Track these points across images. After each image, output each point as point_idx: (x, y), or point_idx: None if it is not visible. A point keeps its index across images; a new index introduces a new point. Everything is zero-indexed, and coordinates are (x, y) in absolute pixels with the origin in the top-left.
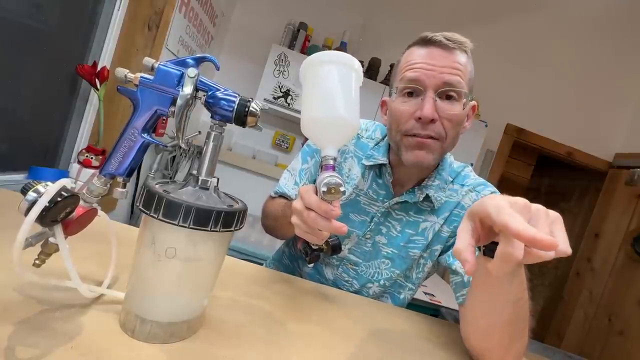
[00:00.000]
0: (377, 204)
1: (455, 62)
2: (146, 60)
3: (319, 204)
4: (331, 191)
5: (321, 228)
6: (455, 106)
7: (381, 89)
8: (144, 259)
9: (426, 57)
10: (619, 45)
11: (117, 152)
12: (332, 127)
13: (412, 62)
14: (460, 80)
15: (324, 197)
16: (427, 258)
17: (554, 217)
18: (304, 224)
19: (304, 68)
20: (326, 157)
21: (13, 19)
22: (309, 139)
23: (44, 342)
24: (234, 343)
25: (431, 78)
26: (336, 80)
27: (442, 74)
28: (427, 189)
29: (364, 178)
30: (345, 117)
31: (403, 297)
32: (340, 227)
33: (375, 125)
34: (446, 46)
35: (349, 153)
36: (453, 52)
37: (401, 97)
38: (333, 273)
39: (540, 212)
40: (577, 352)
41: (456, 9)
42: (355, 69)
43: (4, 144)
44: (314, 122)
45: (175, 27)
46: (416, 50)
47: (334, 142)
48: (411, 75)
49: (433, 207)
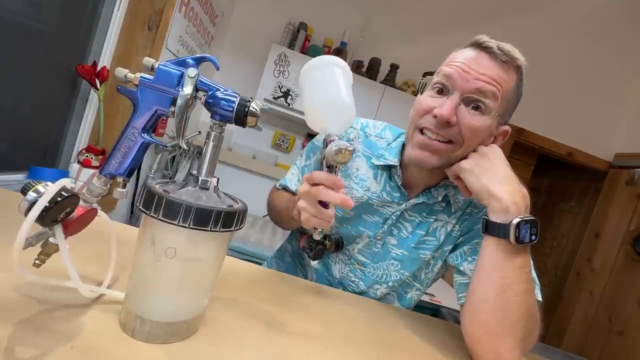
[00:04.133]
0: (392, 205)
1: (497, 75)
2: (146, 60)
3: (326, 175)
4: (342, 151)
5: (328, 199)
6: (477, 118)
7: (381, 88)
8: (143, 259)
9: (471, 59)
10: (619, 45)
11: (117, 152)
12: (327, 107)
13: (454, 60)
14: (495, 94)
15: (335, 158)
16: (438, 258)
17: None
18: (311, 205)
19: (300, 79)
20: (329, 135)
21: (13, 18)
22: (314, 129)
23: (44, 342)
24: (234, 343)
25: (464, 80)
26: (325, 75)
27: (477, 80)
28: (446, 188)
29: (377, 180)
30: (337, 99)
31: (410, 297)
32: (346, 199)
33: (384, 126)
34: (496, 56)
35: (356, 152)
36: (500, 64)
37: (431, 91)
38: (340, 271)
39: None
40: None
41: (456, 9)
42: (339, 65)
43: (4, 144)
44: (313, 110)
45: (175, 27)
46: (466, 50)
47: (334, 123)
48: (447, 71)
49: (445, 206)
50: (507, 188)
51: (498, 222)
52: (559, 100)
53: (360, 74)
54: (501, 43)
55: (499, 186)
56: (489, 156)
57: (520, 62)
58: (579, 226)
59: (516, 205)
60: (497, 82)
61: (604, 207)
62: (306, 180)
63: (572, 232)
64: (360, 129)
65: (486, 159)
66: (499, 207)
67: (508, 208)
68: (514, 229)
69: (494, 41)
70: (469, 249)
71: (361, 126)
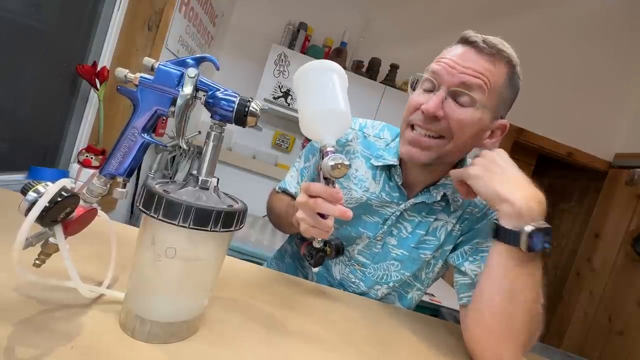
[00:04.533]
0: (391, 206)
1: (483, 67)
2: (146, 60)
3: (324, 188)
4: (338, 167)
5: (327, 212)
6: (464, 111)
7: (381, 88)
8: (144, 259)
9: (457, 55)
10: (619, 45)
11: (117, 152)
12: (324, 116)
13: (442, 56)
14: (482, 86)
15: (332, 173)
16: (438, 258)
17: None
18: (309, 217)
19: (295, 81)
20: (325, 146)
21: (13, 18)
22: (308, 136)
23: (44, 342)
24: (234, 343)
25: (450, 75)
26: (321, 81)
27: (462, 74)
28: (445, 187)
29: (376, 180)
30: (334, 107)
31: (411, 297)
32: (345, 210)
33: (382, 125)
34: (481, 49)
35: (355, 153)
36: (487, 57)
37: (420, 88)
38: (341, 272)
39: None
40: (577, 352)
41: (456, 9)
42: (335, 70)
43: (4, 144)
44: (308, 117)
45: (175, 27)
46: (455, 47)
47: (329, 131)
48: (434, 67)
49: (445, 205)
50: (521, 193)
51: (509, 229)
52: (559, 100)
53: (360, 74)
54: (488, 37)
55: (512, 190)
56: (497, 160)
57: (508, 54)
58: (579, 226)
59: (530, 211)
60: (483, 75)
61: (604, 207)
62: (304, 191)
63: (572, 232)
64: (358, 129)
65: (494, 164)
66: (512, 211)
67: (521, 214)
68: (527, 237)
69: (480, 35)
70: (470, 249)
71: (359, 127)
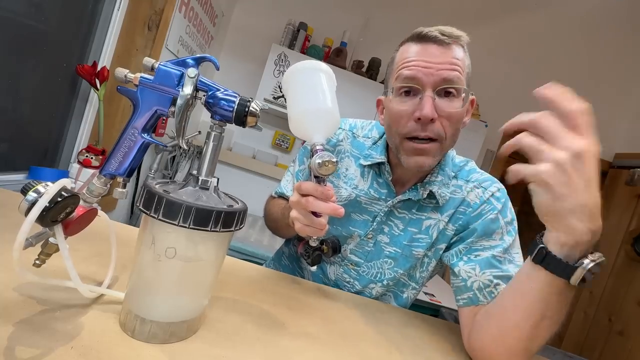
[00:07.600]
0: (379, 203)
1: (452, 58)
2: (146, 60)
3: (314, 186)
4: (325, 164)
5: (319, 210)
6: (454, 103)
7: (381, 88)
8: (144, 259)
9: (422, 53)
10: (619, 45)
11: (117, 152)
12: (312, 115)
13: (408, 60)
14: (459, 76)
15: (319, 171)
16: (432, 257)
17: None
18: (303, 216)
19: (284, 83)
20: (314, 144)
21: (13, 18)
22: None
23: (44, 342)
24: (234, 343)
25: (429, 76)
26: (309, 81)
27: (440, 71)
28: (431, 185)
29: (364, 178)
30: (322, 106)
31: (406, 297)
32: (336, 208)
33: (372, 125)
34: (442, 42)
35: (345, 153)
36: (449, 48)
37: (398, 96)
38: (335, 273)
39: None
40: (577, 352)
41: (456, 9)
42: (323, 70)
43: (4, 143)
44: (297, 117)
45: (175, 27)
46: (411, 46)
47: (318, 130)
48: (408, 74)
49: (436, 203)
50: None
51: (560, 258)
52: None
53: (360, 74)
54: (440, 27)
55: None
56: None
57: (460, 34)
58: None
59: (587, 244)
60: (455, 65)
61: (603, 207)
62: (296, 190)
63: None
64: (348, 129)
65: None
66: (571, 242)
67: (578, 245)
68: (583, 272)
69: (433, 29)
70: (465, 248)
71: (349, 127)
